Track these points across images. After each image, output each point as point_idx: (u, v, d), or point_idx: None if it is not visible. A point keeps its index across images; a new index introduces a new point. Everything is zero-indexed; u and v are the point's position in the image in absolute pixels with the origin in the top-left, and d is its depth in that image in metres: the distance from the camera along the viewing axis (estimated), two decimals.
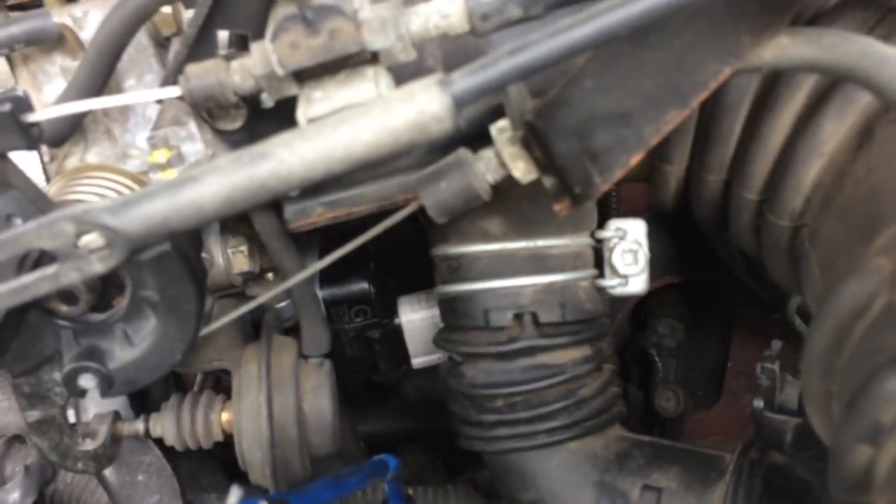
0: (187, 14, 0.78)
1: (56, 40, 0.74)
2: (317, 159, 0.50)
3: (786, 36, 0.55)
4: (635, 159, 0.59)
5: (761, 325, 1.22)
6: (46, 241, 0.53)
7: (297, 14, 0.55)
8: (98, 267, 0.53)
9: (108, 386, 0.70)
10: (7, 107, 0.60)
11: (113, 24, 0.69)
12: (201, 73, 0.61)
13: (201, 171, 0.51)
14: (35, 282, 0.54)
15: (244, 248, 0.82)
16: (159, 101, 0.71)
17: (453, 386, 0.84)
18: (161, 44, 0.78)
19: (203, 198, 0.51)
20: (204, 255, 0.82)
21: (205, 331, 0.72)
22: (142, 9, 0.69)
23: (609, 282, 0.82)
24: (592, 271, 0.83)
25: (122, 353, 0.70)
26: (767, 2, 0.54)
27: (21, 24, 0.73)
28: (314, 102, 0.60)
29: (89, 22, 0.75)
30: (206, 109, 0.66)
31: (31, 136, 0.61)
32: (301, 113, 0.60)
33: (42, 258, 0.59)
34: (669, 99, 0.57)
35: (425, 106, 0.50)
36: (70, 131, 0.75)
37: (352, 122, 0.50)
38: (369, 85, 0.60)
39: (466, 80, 0.50)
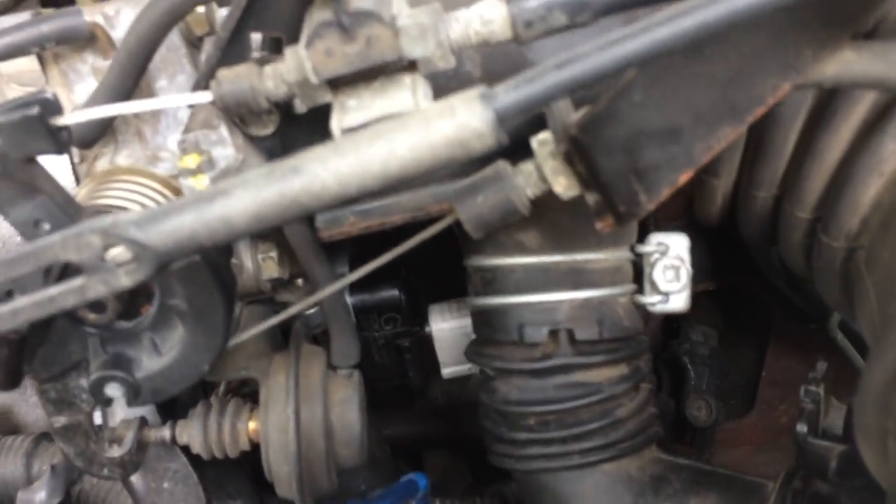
0: (221, 13, 0.76)
1: (87, 39, 0.73)
2: (351, 175, 0.48)
3: (850, 50, 0.52)
4: (684, 178, 0.56)
5: (798, 334, 1.19)
6: (73, 253, 0.51)
7: (332, 20, 0.53)
8: (125, 280, 0.52)
9: (134, 395, 0.69)
10: (35, 110, 0.58)
11: (144, 24, 0.67)
12: (233, 78, 0.59)
13: (232, 185, 0.49)
14: (61, 294, 0.53)
15: (274, 254, 0.81)
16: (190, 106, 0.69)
17: (485, 401, 0.82)
18: (193, 43, 0.76)
19: (233, 213, 0.49)
20: (233, 260, 0.81)
21: (233, 341, 0.71)
22: (174, 9, 0.67)
23: (649, 298, 0.79)
24: (631, 286, 0.80)
25: (149, 362, 0.69)
26: (832, 13, 0.51)
27: (52, 23, 0.72)
28: (349, 111, 0.58)
29: (121, 20, 0.74)
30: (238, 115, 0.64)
31: (61, 141, 0.60)
32: (335, 122, 0.58)
33: (68, 266, 0.58)
34: (723, 115, 0.54)
35: (466, 121, 0.47)
36: (100, 133, 0.73)
37: (389, 136, 0.48)
38: (406, 93, 0.58)
39: (510, 94, 0.47)
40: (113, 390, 0.68)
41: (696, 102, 0.53)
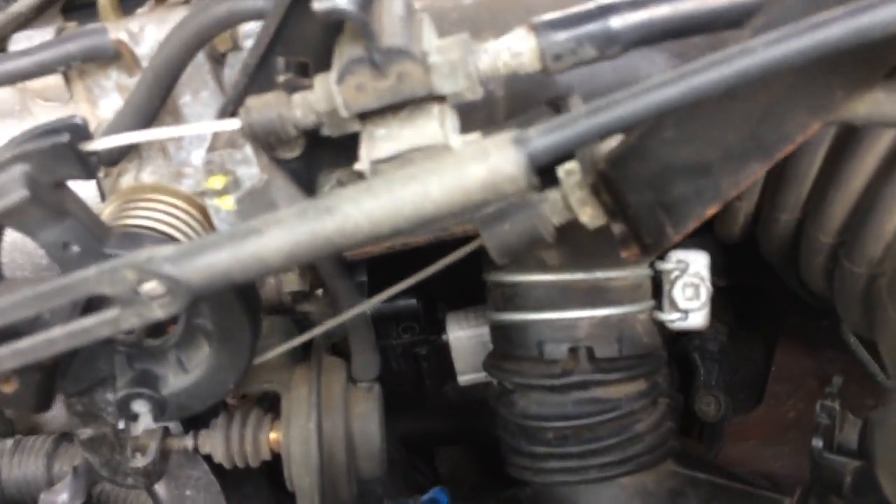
0: (244, 29, 0.76)
1: (112, 56, 0.73)
2: (384, 216, 0.48)
3: (881, 91, 0.52)
4: (711, 211, 0.56)
5: (807, 330, 1.20)
6: (107, 287, 0.52)
7: (364, 57, 0.53)
8: (158, 313, 0.52)
9: (161, 412, 0.70)
10: (65, 137, 0.59)
11: (172, 46, 0.67)
12: (262, 107, 0.60)
13: (265, 224, 0.50)
14: (95, 326, 0.54)
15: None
16: None
17: (503, 414, 0.83)
18: (217, 60, 0.76)
19: (266, 251, 0.50)
20: None
21: (258, 360, 0.72)
22: (202, 31, 0.67)
23: (668, 316, 0.80)
24: (651, 303, 0.81)
25: (175, 380, 0.70)
26: (864, 55, 0.51)
27: (77, 42, 0.72)
28: (377, 141, 0.58)
29: (145, 37, 0.74)
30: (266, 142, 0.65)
31: (90, 166, 0.60)
32: (364, 153, 0.58)
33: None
34: (752, 151, 0.54)
35: (499, 166, 0.47)
36: (125, 151, 0.74)
37: (422, 179, 0.48)
38: (435, 123, 0.58)
39: (542, 139, 0.47)
40: (139, 407, 0.70)
41: (725, 139, 0.53)
